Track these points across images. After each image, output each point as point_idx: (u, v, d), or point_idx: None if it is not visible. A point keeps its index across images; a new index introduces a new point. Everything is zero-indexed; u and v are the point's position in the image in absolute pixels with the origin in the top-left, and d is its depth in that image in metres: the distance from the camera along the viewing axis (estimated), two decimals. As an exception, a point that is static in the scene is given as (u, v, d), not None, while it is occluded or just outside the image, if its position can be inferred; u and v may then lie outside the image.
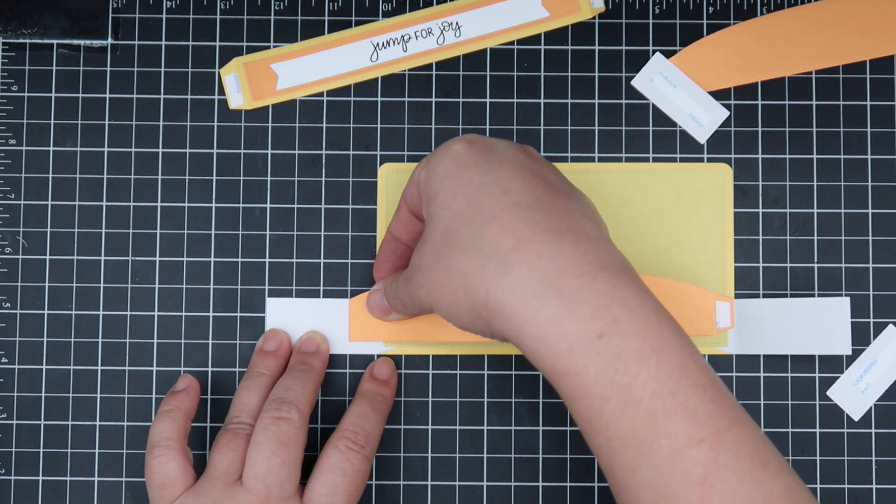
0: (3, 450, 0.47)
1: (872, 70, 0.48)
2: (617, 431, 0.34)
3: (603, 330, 0.34)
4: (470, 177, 0.37)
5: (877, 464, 0.46)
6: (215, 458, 0.42)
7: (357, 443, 0.42)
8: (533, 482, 0.47)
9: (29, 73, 0.48)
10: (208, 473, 0.42)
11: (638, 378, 0.33)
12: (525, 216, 0.36)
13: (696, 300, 0.46)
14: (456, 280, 0.36)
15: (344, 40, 0.48)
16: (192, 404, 0.44)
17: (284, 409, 0.41)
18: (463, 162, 0.38)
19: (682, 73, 0.48)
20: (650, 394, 0.33)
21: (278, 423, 0.41)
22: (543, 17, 0.48)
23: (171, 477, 0.42)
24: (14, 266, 0.47)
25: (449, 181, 0.38)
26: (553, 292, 0.34)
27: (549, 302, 0.34)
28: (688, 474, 0.32)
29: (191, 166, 0.48)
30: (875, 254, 0.47)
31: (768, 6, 0.49)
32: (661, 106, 0.48)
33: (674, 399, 0.33)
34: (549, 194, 0.37)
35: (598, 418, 0.34)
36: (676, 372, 0.33)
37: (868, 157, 0.48)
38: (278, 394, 0.42)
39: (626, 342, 0.33)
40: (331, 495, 0.41)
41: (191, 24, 0.48)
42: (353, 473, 0.41)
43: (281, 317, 0.47)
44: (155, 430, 0.43)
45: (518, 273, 0.35)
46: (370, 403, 0.44)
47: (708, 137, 0.48)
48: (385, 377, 0.46)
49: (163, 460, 0.42)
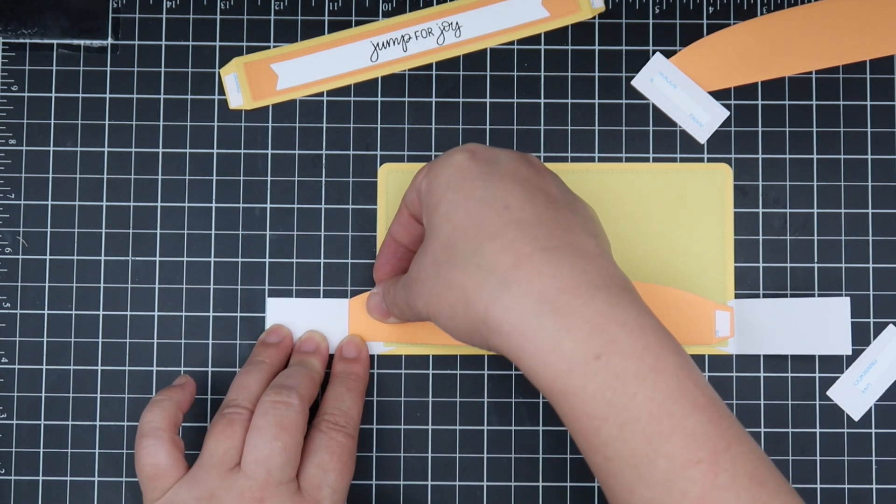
0: (3, 450, 0.47)
1: (872, 70, 0.48)
2: (615, 451, 0.34)
3: (601, 350, 0.34)
4: (472, 189, 0.37)
5: (877, 464, 0.46)
6: (210, 445, 0.41)
7: (337, 423, 0.42)
8: (533, 482, 0.47)
9: (29, 73, 0.48)
10: (202, 462, 0.41)
11: (635, 399, 0.33)
12: (525, 233, 0.36)
13: (695, 309, 0.46)
14: (455, 295, 0.36)
15: (344, 40, 0.48)
16: (185, 398, 0.43)
17: (285, 394, 0.41)
18: (465, 174, 0.38)
19: (682, 73, 0.48)
20: (647, 414, 0.33)
21: (278, 406, 0.41)
22: (543, 17, 0.48)
23: (161, 467, 0.41)
24: (14, 266, 0.47)
25: (450, 193, 0.38)
26: (551, 311, 0.34)
27: (547, 321, 0.34)
28: (685, 495, 0.33)
29: (191, 166, 0.48)
30: (875, 254, 0.47)
31: (768, 6, 0.49)
32: (661, 106, 0.48)
33: (671, 420, 0.33)
34: (550, 209, 0.37)
35: (595, 438, 0.34)
36: (674, 392, 0.33)
37: (868, 157, 0.48)
38: (279, 381, 0.43)
39: (624, 362, 0.34)
40: (322, 473, 0.41)
41: (191, 24, 0.48)
42: (339, 450, 0.42)
43: (281, 317, 0.47)
44: (144, 420, 0.42)
45: (517, 291, 0.35)
46: (343, 384, 0.44)
47: (708, 137, 0.48)
48: (353, 355, 0.46)
49: (152, 450, 0.41)
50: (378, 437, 0.47)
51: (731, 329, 0.46)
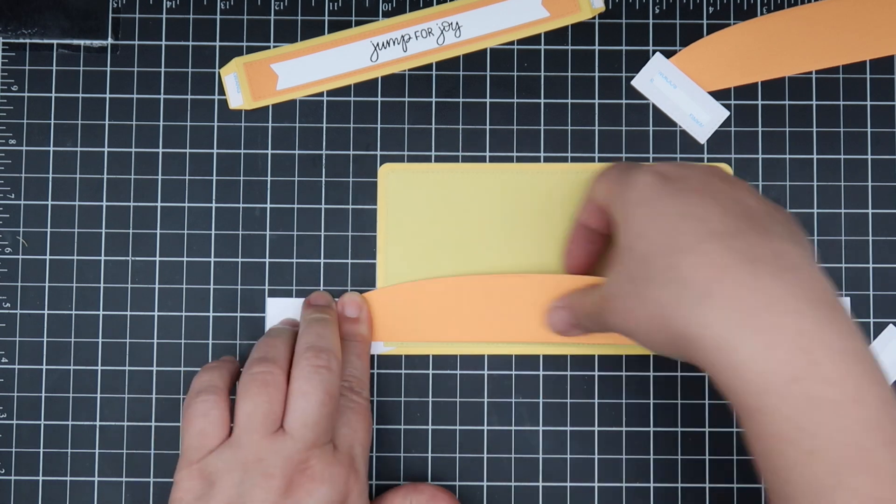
0: (3, 450, 0.47)
1: (872, 70, 0.48)
2: (797, 476, 0.33)
3: (800, 373, 0.32)
4: (664, 206, 0.37)
5: (877, 464, 0.46)
6: (247, 407, 0.39)
7: (353, 389, 0.43)
8: (533, 482, 0.47)
9: (29, 73, 0.48)
10: (242, 424, 0.39)
11: (828, 427, 0.32)
12: (724, 245, 0.35)
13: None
14: (653, 310, 0.36)
15: (344, 40, 0.48)
16: (235, 367, 0.44)
17: (325, 358, 0.41)
18: (655, 190, 0.37)
19: (682, 73, 0.48)
20: (838, 445, 0.32)
21: (321, 371, 0.40)
22: (543, 17, 0.48)
23: (213, 423, 0.40)
24: (14, 266, 0.47)
25: (644, 209, 0.37)
26: (753, 330, 0.33)
27: (748, 339, 0.33)
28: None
29: (191, 166, 0.48)
30: (875, 254, 0.47)
31: (768, 6, 0.49)
32: (661, 106, 0.48)
33: (862, 453, 0.32)
34: (747, 220, 0.36)
35: (779, 459, 0.33)
36: (870, 426, 0.32)
37: (868, 157, 0.48)
38: (315, 342, 0.42)
39: (823, 388, 0.32)
40: (352, 433, 0.42)
41: (191, 24, 0.48)
42: (362, 411, 0.43)
43: (281, 317, 0.47)
44: (201, 379, 0.41)
45: (718, 306, 0.34)
46: (352, 350, 0.45)
47: (708, 137, 0.48)
48: (355, 314, 0.46)
49: (209, 406, 0.40)
50: (378, 438, 0.47)
51: None
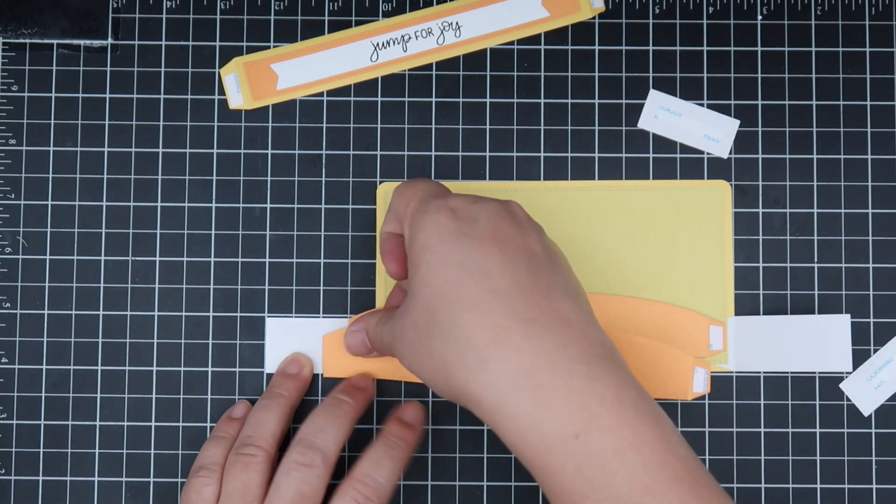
0: (3, 450, 0.47)
1: (872, 70, 0.48)
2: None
3: (580, 428, 0.34)
4: (450, 253, 0.36)
5: (877, 464, 0.46)
6: (228, 486, 0.42)
7: (365, 494, 0.41)
8: (533, 482, 0.47)
9: (29, 73, 0.48)
10: (223, 501, 0.42)
11: (616, 476, 0.33)
12: (504, 303, 0.35)
13: (690, 324, 0.46)
14: (436, 364, 0.36)
15: (344, 40, 0.48)
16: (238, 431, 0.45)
17: (310, 456, 0.41)
18: (443, 234, 0.37)
19: (680, 99, 0.48)
20: (628, 491, 0.33)
21: (302, 469, 0.41)
22: (543, 17, 0.48)
23: (204, 500, 0.42)
24: (14, 266, 0.47)
25: (429, 255, 0.37)
26: (530, 390, 0.34)
27: (525, 401, 0.34)
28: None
29: (191, 166, 0.48)
30: (875, 254, 0.47)
31: (768, 6, 0.49)
32: (675, 137, 0.48)
33: (651, 495, 0.33)
34: (530, 274, 0.36)
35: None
36: (654, 467, 0.33)
37: (868, 157, 0.48)
38: (310, 433, 0.42)
39: (604, 439, 0.33)
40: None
41: (191, 24, 0.48)
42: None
43: (282, 341, 0.47)
44: (206, 453, 0.43)
45: (496, 368, 0.34)
46: (388, 449, 0.43)
47: (728, 151, 0.48)
48: (411, 421, 0.44)
49: (202, 483, 0.42)
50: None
51: (724, 343, 0.46)
